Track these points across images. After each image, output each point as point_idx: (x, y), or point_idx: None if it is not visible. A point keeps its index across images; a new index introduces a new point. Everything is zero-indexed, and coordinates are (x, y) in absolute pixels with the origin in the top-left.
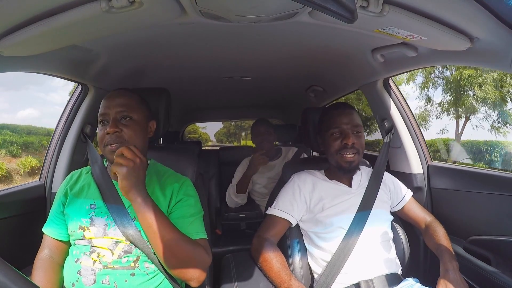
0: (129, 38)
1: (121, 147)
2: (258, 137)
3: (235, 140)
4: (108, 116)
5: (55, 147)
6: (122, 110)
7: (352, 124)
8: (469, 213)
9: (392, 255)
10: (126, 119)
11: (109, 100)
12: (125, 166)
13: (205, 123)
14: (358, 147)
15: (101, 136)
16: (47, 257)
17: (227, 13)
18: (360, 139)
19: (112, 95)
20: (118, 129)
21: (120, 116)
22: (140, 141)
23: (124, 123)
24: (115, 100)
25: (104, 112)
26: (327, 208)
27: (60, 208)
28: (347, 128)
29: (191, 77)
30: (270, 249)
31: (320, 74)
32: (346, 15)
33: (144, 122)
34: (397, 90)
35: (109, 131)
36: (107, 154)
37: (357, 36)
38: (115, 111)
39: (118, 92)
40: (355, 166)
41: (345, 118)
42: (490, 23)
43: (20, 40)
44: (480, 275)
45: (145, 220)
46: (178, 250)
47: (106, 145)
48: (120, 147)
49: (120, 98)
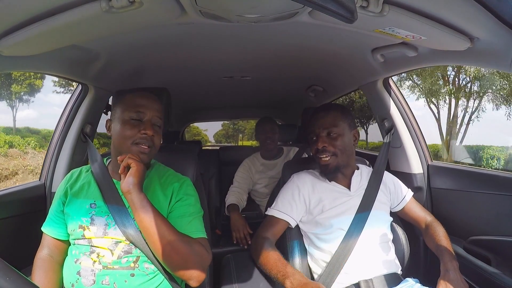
0: (129, 38)
1: (151, 151)
2: (262, 135)
3: (232, 141)
4: (144, 116)
5: (55, 147)
6: (158, 116)
7: (324, 127)
8: (469, 213)
9: (392, 256)
10: (157, 127)
11: (148, 101)
12: (136, 164)
13: (206, 126)
14: (331, 149)
15: (132, 132)
16: (47, 256)
17: (227, 13)
18: (335, 141)
19: (150, 97)
20: (154, 134)
21: (155, 121)
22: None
23: (156, 130)
24: (154, 103)
25: (140, 111)
26: (327, 210)
27: (60, 207)
28: (319, 132)
29: (191, 77)
30: (268, 246)
31: (320, 74)
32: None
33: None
34: (397, 90)
35: (147, 133)
36: (133, 150)
37: (357, 36)
38: (153, 114)
39: (152, 95)
40: (334, 168)
41: (318, 121)
42: (490, 23)
43: (20, 40)
44: (480, 275)
45: (142, 221)
46: (177, 250)
47: (135, 144)
48: (151, 151)
49: (158, 103)
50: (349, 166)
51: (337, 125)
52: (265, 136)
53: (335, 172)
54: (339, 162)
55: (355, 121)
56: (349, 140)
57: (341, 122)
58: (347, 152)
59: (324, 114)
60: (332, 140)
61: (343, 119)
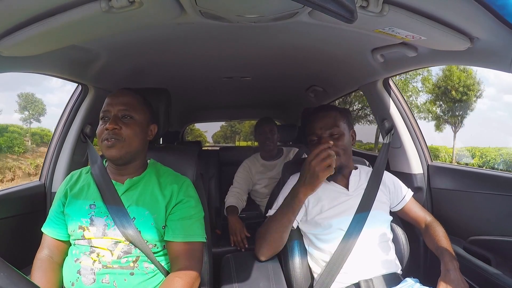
0: (129, 38)
1: (117, 144)
2: (262, 135)
3: (230, 142)
4: (109, 113)
5: (55, 147)
6: (124, 108)
7: (326, 128)
8: (469, 213)
9: (392, 256)
10: (127, 118)
11: (113, 98)
12: None
13: (206, 127)
14: (335, 149)
15: (100, 131)
16: (47, 257)
17: (227, 13)
18: (337, 141)
19: (116, 94)
20: (118, 126)
21: (122, 115)
22: (137, 142)
23: (125, 122)
24: (118, 98)
25: (106, 109)
26: (326, 211)
27: (60, 208)
28: (322, 133)
29: (191, 77)
30: None
31: (320, 74)
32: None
33: (145, 124)
34: (397, 90)
35: (108, 127)
36: (103, 149)
37: (357, 36)
38: (117, 109)
39: (122, 91)
40: (337, 168)
41: (319, 123)
42: (490, 23)
43: (20, 40)
44: (480, 275)
45: None
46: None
47: (103, 140)
48: (116, 144)
49: (123, 97)
50: (347, 166)
51: (338, 125)
52: (264, 137)
53: (338, 173)
54: (342, 162)
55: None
56: (349, 140)
57: (341, 122)
58: (348, 152)
59: (324, 114)
60: (335, 141)
61: (342, 119)
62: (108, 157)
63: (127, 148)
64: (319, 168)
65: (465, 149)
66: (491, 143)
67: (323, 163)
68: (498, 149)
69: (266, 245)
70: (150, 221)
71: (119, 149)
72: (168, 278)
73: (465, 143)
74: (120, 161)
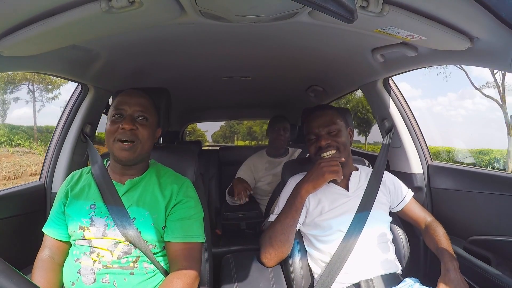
0: (129, 38)
1: (133, 145)
2: (274, 133)
3: (229, 141)
4: (124, 112)
5: (55, 147)
6: (140, 109)
7: (323, 126)
8: (469, 213)
9: (392, 256)
10: (142, 119)
11: (128, 97)
12: None
13: (206, 127)
14: (335, 144)
15: (113, 129)
16: (48, 257)
17: (227, 13)
18: (336, 137)
19: (131, 93)
20: (135, 127)
21: (137, 115)
22: (149, 144)
23: (140, 123)
24: (134, 98)
25: (120, 107)
26: (326, 212)
27: (61, 208)
28: (320, 132)
29: (191, 77)
30: None
31: (320, 74)
32: (346, 15)
33: (155, 127)
34: (397, 90)
35: (125, 127)
36: (117, 150)
37: (357, 36)
38: (133, 109)
39: (136, 91)
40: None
41: (317, 121)
42: (490, 23)
43: (20, 40)
44: (480, 275)
45: None
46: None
47: (118, 141)
48: (132, 146)
49: (139, 98)
50: (347, 166)
51: (335, 123)
52: (277, 134)
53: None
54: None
55: (351, 119)
56: (347, 137)
57: (338, 119)
58: (348, 149)
59: (321, 113)
60: (333, 137)
61: (339, 117)
62: (120, 157)
63: (140, 150)
64: (326, 169)
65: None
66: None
67: (332, 167)
68: None
69: (273, 251)
70: (150, 221)
71: (134, 151)
72: (167, 279)
73: None
74: (130, 162)
